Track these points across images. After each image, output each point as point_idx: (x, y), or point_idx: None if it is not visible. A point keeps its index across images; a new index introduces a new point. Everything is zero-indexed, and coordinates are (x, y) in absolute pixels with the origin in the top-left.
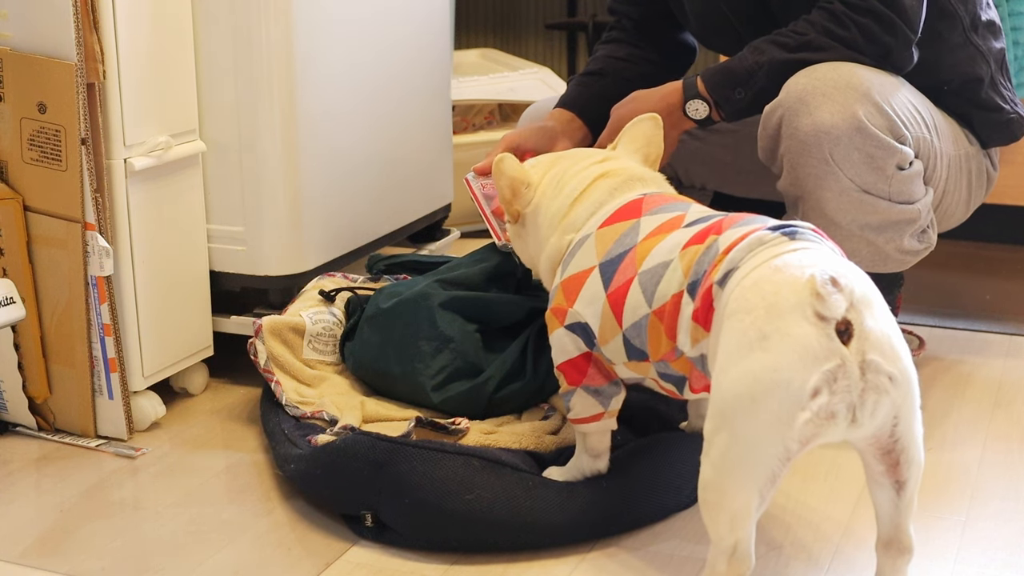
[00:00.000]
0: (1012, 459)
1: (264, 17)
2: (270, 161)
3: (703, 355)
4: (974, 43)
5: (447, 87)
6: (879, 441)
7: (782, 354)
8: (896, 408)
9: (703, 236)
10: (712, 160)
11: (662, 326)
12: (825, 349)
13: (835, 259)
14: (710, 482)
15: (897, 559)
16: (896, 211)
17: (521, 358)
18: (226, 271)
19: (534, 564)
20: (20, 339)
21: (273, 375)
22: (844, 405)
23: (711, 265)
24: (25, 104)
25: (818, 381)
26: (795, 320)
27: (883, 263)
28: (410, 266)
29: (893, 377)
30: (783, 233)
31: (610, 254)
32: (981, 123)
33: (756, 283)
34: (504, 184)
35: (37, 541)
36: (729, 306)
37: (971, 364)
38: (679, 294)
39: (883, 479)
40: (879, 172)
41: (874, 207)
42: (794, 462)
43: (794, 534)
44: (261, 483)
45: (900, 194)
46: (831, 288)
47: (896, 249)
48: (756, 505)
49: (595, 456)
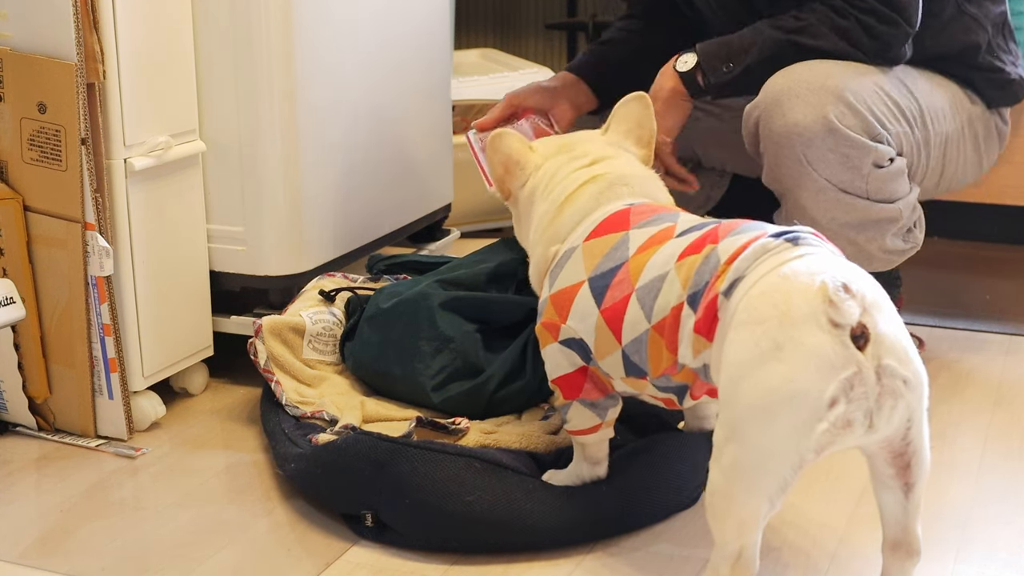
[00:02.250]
0: (1012, 459)
1: (264, 17)
2: (270, 161)
3: (706, 364)
4: (968, 12)
5: (447, 87)
6: (891, 445)
7: (798, 364)
8: (910, 411)
9: (699, 246)
10: (730, 142)
11: (663, 340)
12: (841, 357)
13: (842, 264)
14: (719, 489)
15: (905, 561)
16: (876, 210)
17: (521, 358)
18: (226, 271)
19: (534, 565)
20: (20, 339)
21: (273, 375)
22: (861, 412)
23: (713, 276)
24: (25, 104)
25: (835, 390)
26: (809, 329)
27: (867, 262)
28: (410, 266)
29: (908, 380)
30: (786, 239)
31: (599, 268)
32: (983, 84)
33: (765, 292)
34: (497, 160)
35: (37, 541)
36: (737, 316)
37: (971, 364)
38: (679, 306)
39: (892, 482)
40: (855, 171)
41: (852, 206)
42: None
43: (794, 535)
44: (261, 483)
45: (879, 192)
46: (844, 295)
47: (879, 248)
48: (765, 512)
49: (594, 463)
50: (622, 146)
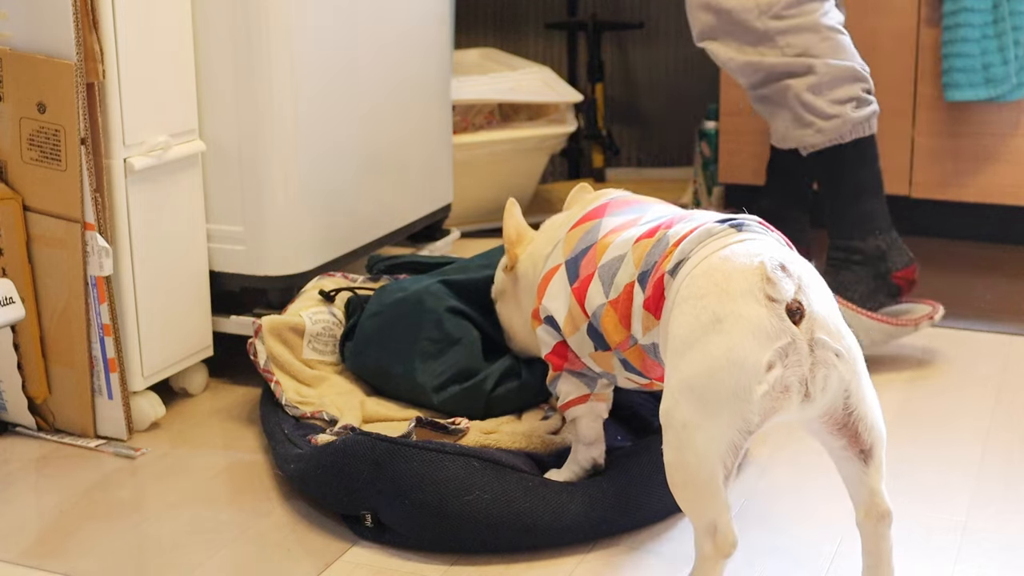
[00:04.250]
0: (1012, 459)
1: (264, 17)
2: (270, 161)
3: (654, 343)
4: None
5: (447, 87)
6: (834, 416)
7: (737, 334)
8: (845, 383)
9: (654, 231)
10: None
11: (616, 315)
12: (777, 328)
13: (782, 248)
14: (672, 462)
15: (878, 524)
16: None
17: (516, 362)
18: (226, 271)
19: (534, 564)
20: (20, 339)
21: (273, 375)
22: (796, 379)
23: (661, 256)
24: (25, 104)
25: (772, 356)
26: (747, 303)
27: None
28: (410, 266)
29: (839, 353)
30: (731, 225)
31: (574, 251)
32: None
33: (707, 271)
34: (511, 224)
35: (37, 541)
36: (680, 293)
37: (971, 364)
38: (631, 284)
39: (847, 452)
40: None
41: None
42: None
43: (794, 535)
44: (261, 483)
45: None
46: (781, 273)
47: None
48: (722, 476)
49: (588, 444)
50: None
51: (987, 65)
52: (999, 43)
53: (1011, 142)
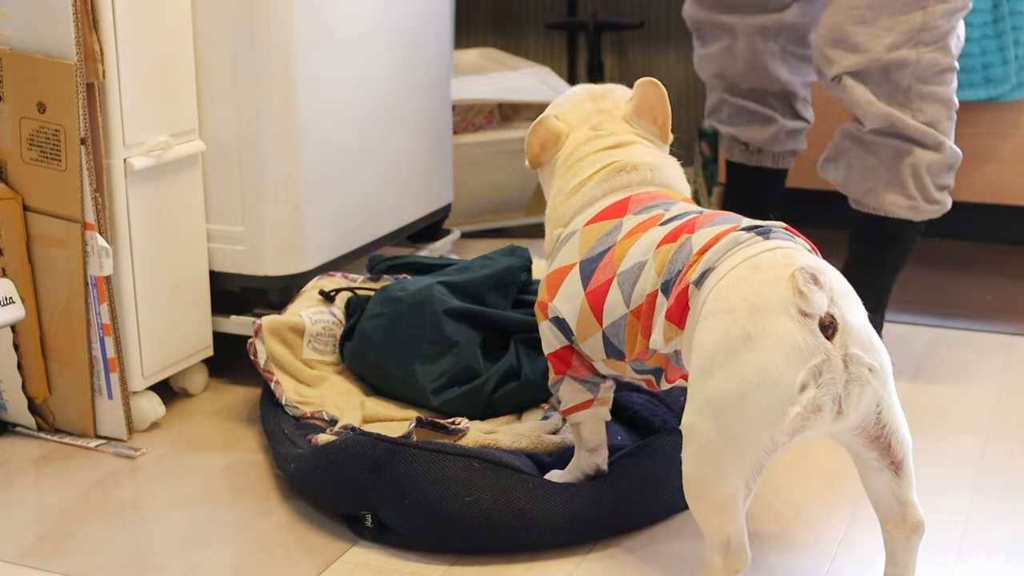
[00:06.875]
0: (1012, 459)
1: (264, 17)
2: (270, 161)
3: (677, 351)
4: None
5: (447, 87)
6: (866, 429)
7: (769, 352)
8: (878, 397)
9: (676, 234)
10: None
11: (639, 325)
12: (811, 345)
13: (811, 257)
14: (692, 476)
15: (912, 535)
16: None
17: (517, 363)
18: (226, 271)
19: (534, 565)
20: (20, 339)
21: (273, 375)
22: (830, 398)
23: (685, 265)
24: (25, 104)
25: (805, 376)
26: (779, 319)
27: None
28: (410, 266)
29: (873, 368)
30: (757, 233)
31: (591, 252)
32: None
33: (735, 284)
34: (536, 141)
35: (37, 541)
36: (707, 306)
37: (971, 364)
38: (654, 293)
39: (878, 464)
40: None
41: None
42: (792, 461)
43: (794, 535)
44: (261, 483)
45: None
46: (813, 286)
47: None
48: (743, 495)
49: (591, 450)
50: (642, 126)
51: (987, 65)
52: (999, 43)
53: (1011, 142)
